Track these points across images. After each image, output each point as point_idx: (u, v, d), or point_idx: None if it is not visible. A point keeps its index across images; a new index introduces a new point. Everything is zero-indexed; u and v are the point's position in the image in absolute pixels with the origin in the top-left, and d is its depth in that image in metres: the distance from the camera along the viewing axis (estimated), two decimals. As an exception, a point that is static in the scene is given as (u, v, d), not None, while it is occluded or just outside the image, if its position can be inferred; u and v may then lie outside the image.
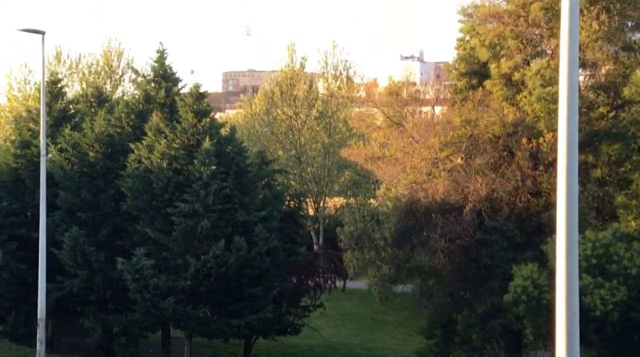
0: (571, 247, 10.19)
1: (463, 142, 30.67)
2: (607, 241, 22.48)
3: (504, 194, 29.82)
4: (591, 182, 28.00)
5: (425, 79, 65.86)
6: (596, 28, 28.58)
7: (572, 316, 9.49)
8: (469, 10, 37.42)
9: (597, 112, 28.19)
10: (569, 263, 10.13)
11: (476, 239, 29.31)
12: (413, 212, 31.55)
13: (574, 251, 10.24)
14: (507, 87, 32.64)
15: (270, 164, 39.11)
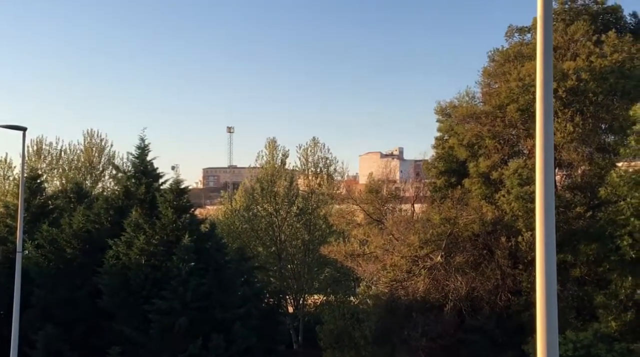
0: (552, 347, 10.10)
1: (443, 240, 30.75)
2: (588, 341, 22.31)
3: (484, 293, 29.73)
4: (570, 281, 28.02)
5: (405, 176, 66.57)
6: (571, 130, 29.23)
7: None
8: (447, 110, 38.33)
9: (575, 211, 28.48)
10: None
11: (457, 338, 28.98)
12: (393, 311, 31.26)
13: (554, 352, 10.14)
14: (485, 185, 33.06)
15: (250, 260, 38.88)
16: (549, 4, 10.73)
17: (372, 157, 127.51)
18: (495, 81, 34.71)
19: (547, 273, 10.38)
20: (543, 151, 10.85)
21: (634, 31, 32.40)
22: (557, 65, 29.19)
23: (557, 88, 28.59)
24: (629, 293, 25.02)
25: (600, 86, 29.19)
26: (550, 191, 11.08)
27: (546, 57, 11.25)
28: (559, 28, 31.28)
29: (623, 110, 28.33)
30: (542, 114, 10.80)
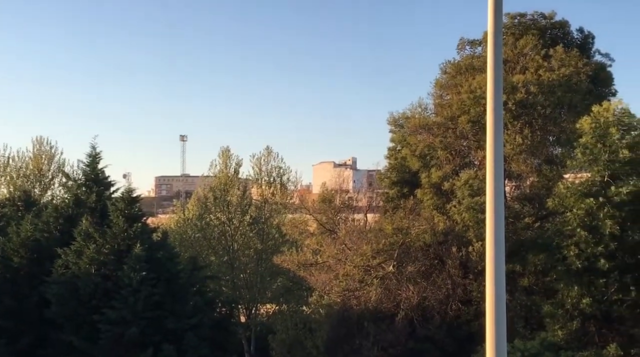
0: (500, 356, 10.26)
1: (395, 249, 31.01)
2: (535, 350, 22.67)
3: (435, 302, 30.04)
4: (519, 291, 28.47)
5: (358, 186, 66.82)
6: (520, 141, 29.80)
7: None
8: (399, 121, 38.74)
9: (523, 222, 29.01)
10: (498, 373, 10.16)
11: (408, 347, 29.19)
12: (345, 320, 31.37)
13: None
14: (437, 196, 33.47)
15: (203, 269, 38.59)
16: (499, 18, 10.94)
17: (325, 166, 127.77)
18: (447, 93, 35.22)
19: (496, 283, 10.55)
20: (493, 162, 11.04)
21: (581, 46, 33.23)
22: (507, 78, 29.75)
23: (507, 100, 29.13)
24: (574, 302, 25.47)
25: (548, 99, 29.86)
26: (500, 202, 11.28)
27: (496, 70, 11.48)
28: (509, 42, 31.91)
29: (570, 123, 28.99)
30: (492, 126, 11.00)
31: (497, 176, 11.41)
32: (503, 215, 11.39)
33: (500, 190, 11.35)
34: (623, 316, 25.79)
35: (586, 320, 26.13)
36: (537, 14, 34.03)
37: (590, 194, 25.51)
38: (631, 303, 25.87)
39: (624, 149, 24.98)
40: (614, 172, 25.63)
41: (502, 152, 11.44)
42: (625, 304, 25.95)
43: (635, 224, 25.37)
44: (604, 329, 26.35)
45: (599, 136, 25.62)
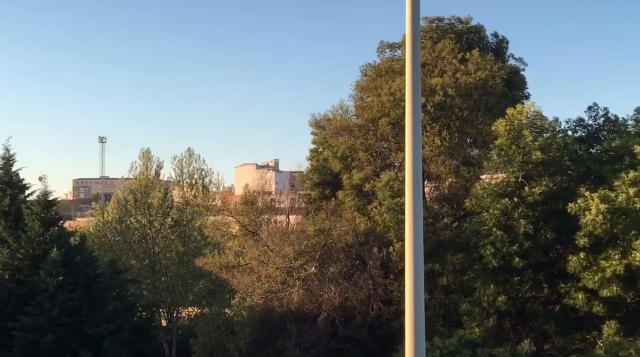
0: (419, 354, 10.47)
1: (317, 251, 31.15)
2: (453, 347, 23.15)
3: (356, 303, 30.33)
4: (438, 290, 29.03)
5: (281, 188, 66.86)
6: (438, 143, 30.41)
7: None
8: (321, 123, 38.96)
9: (442, 222, 29.57)
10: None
11: (330, 348, 29.38)
12: (268, 322, 31.35)
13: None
14: (358, 197, 33.81)
15: (122, 273, 37.93)
16: (416, 22, 11.17)
17: (248, 168, 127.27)
18: (367, 95, 35.59)
19: (415, 282, 10.75)
20: (412, 164, 11.25)
21: (495, 50, 34.12)
22: (426, 81, 30.32)
23: (426, 103, 29.69)
24: (491, 300, 26.17)
25: (465, 102, 30.55)
26: (418, 203, 11.51)
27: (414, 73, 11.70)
28: (427, 45, 32.51)
29: (486, 125, 29.76)
30: (410, 128, 11.21)
31: (416, 178, 11.64)
32: (422, 216, 11.62)
33: (418, 191, 11.59)
34: (536, 313, 26.66)
35: (502, 317, 26.91)
36: (454, 19, 34.79)
37: (506, 194, 26.27)
38: (544, 300, 26.79)
39: (537, 151, 25.80)
40: (527, 173, 26.45)
41: (421, 154, 11.68)
42: (538, 301, 26.84)
43: (548, 224, 26.25)
44: (518, 325, 27.19)
45: (514, 138, 26.41)
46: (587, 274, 24.21)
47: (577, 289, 24.93)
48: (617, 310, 25.29)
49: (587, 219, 23.78)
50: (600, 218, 23.51)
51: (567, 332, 25.92)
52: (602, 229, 23.81)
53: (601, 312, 24.63)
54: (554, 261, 27.52)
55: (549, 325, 26.04)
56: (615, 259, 23.62)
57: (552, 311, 26.69)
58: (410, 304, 10.79)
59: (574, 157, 27.01)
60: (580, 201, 24.24)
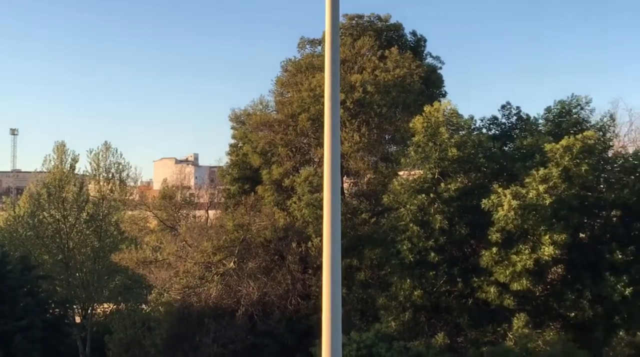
0: (335, 349, 10.60)
1: (236, 246, 31.04)
2: (370, 341, 23.47)
3: (275, 298, 30.37)
4: (356, 284, 29.32)
5: (200, 183, 66.26)
6: (357, 139, 30.71)
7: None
8: (241, 118, 38.82)
9: (360, 218, 29.87)
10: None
11: (248, 343, 29.34)
12: (185, 318, 31.06)
13: (337, 353, 10.65)
14: (278, 192, 33.82)
15: (34, 269, 36.91)
16: (336, 18, 11.27)
17: (166, 163, 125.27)
18: (288, 91, 35.65)
19: (332, 277, 10.87)
20: (331, 160, 11.36)
21: (414, 48, 34.70)
22: (346, 78, 30.56)
23: (345, 99, 29.94)
24: (407, 295, 26.62)
25: (384, 99, 30.95)
26: (336, 198, 11.63)
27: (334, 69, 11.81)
28: (347, 42, 32.78)
29: (404, 122, 30.22)
30: (329, 124, 11.32)
31: (335, 173, 11.76)
32: (339, 211, 11.76)
33: (337, 187, 11.71)
34: (450, 306, 27.29)
35: (417, 311, 27.43)
36: (374, 16, 35.21)
37: (422, 190, 26.76)
38: (458, 294, 27.43)
39: (453, 148, 26.36)
40: (443, 170, 27.01)
41: (339, 150, 11.80)
42: (452, 295, 27.48)
43: (462, 219, 26.87)
44: (433, 319, 27.76)
45: (430, 135, 26.90)
46: (499, 269, 24.91)
47: (489, 283, 25.61)
48: (526, 303, 26.15)
49: (500, 215, 24.47)
50: (512, 214, 24.21)
51: (479, 325, 26.62)
52: (514, 225, 24.53)
53: (512, 305, 25.40)
54: (468, 256, 28.20)
55: (462, 318, 26.69)
56: (525, 253, 24.38)
57: (466, 304, 27.35)
58: (327, 299, 10.90)
59: (488, 154, 27.71)
60: (494, 197, 24.91)
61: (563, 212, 24.85)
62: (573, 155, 24.81)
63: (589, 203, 26.53)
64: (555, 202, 24.35)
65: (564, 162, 24.79)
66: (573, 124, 27.96)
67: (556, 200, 24.40)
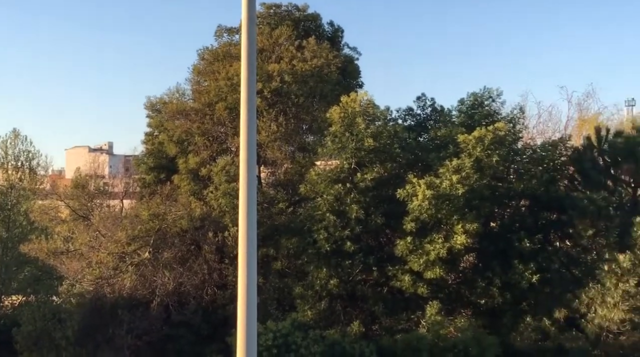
0: (250, 338, 10.61)
1: (151, 236, 30.59)
2: (286, 330, 23.55)
3: (191, 288, 30.10)
4: (273, 274, 29.37)
5: (115, 172, 64.99)
6: (275, 129, 30.71)
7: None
8: (157, 106, 38.22)
9: (277, 207, 29.92)
10: (249, 355, 10.52)
11: (164, 334, 29.01)
12: (98, 309, 30.43)
13: (252, 342, 10.66)
14: (194, 182, 33.52)
15: None
16: (252, 7, 11.21)
17: (79, 151, 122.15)
18: (205, 79, 35.30)
19: (248, 267, 10.86)
20: (246, 149, 11.33)
21: (331, 39, 34.86)
22: (263, 67, 30.48)
23: (263, 89, 29.87)
24: (323, 284, 26.83)
25: (302, 89, 31.02)
26: (253, 188, 11.61)
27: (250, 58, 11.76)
28: (265, 31, 32.67)
29: (321, 112, 30.38)
30: (246, 113, 11.28)
31: (251, 163, 11.72)
32: (255, 201, 11.74)
33: (253, 176, 11.68)
34: (366, 295, 27.67)
35: (333, 300, 27.70)
36: (292, 6, 35.18)
37: (339, 180, 26.98)
38: (373, 283, 27.83)
39: (369, 138, 26.65)
40: (360, 160, 27.28)
41: (255, 139, 11.78)
42: (368, 284, 27.86)
43: (378, 209, 27.24)
44: (349, 307, 28.10)
45: (347, 125, 27.12)
46: (413, 257, 25.38)
47: (404, 272, 26.07)
48: (439, 291, 26.75)
49: (414, 205, 24.91)
50: (426, 204, 24.69)
51: (394, 312, 27.09)
52: (428, 214, 25.03)
53: (425, 293, 25.94)
54: (383, 245, 28.63)
55: (377, 306, 27.10)
56: (438, 242, 24.91)
57: (381, 293, 27.78)
58: (243, 289, 10.89)
59: (403, 145, 28.13)
60: (408, 187, 25.33)
61: (475, 202, 25.48)
62: (485, 146, 25.44)
63: (499, 193, 27.29)
64: (467, 192, 24.95)
65: (476, 153, 25.40)
66: (485, 116, 28.65)
67: (468, 190, 24.99)
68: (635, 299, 23.03)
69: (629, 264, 22.74)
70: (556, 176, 27.68)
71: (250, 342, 10.72)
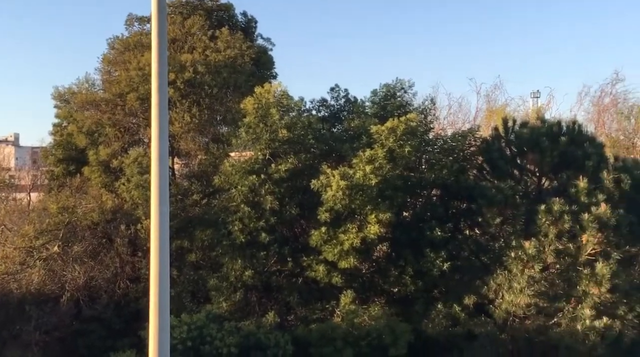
0: (163, 331, 10.50)
1: (60, 229, 29.82)
2: (201, 322, 23.37)
3: (102, 282, 29.55)
4: (187, 266, 29.13)
5: (21, 164, 63.00)
6: (188, 120, 30.40)
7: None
8: (65, 96, 37.24)
9: (191, 199, 29.65)
10: (161, 348, 10.42)
11: (74, 329, 28.34)
12: (4, 305, 29.46)
13: (165, 336, 10.56)
14: (105, 174, 32.88)
15: None
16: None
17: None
18: (115, 69, 34.61)
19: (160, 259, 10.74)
20: (158, 141, 11.19)
21: (245, 29, 34.70)
22: (176, 57, 30.10)
23: (176, 79, 29.49)
24: (238, 275, 26.75)
25: (215, 79, 30.77)
26: (164, 179, 11.48)
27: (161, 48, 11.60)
28: (177, 21, 32.24)
29: (235, 103, 30.22)
30: (157, 104, 11.14)
31: (162, 154, 11.59)
32: (167, 193, 11.61)
33: (165, 168, 11.55)
34: (281, 286, 27.75)
35: (249, 291, 27.67)
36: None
37: (254, 171, 26.89)
38: (288, 273, 27.93)
39: (283, 129, 26.66)
40: (274, 151, 27.26)
41: (167, 131, 11.64)
42: (283, 275, 27.95)
43: (293, 200, 27.32)
44: (264, 298, 28.12)
45: (261, 116, 27.05)
46: (328, 247, 25.57)
47: (318, 262, 26.25)
48: (353, 280, 27.05)
49: (328, 195, 25.08)
50: (340, 194, 24.88)
51: (309, 302, 27.25)
52: (342, 205, 25.23)
53: (339, 282, 26.19)
54: (298, 236, 28.74)
55: (292, 297, 27.20)
56: (352, 232, 25.16)
57: (296, 283, 27.91)
58: (155, 281, 10.77)
59: (317, 135, 28.24)
60: (323, 177, 25.48)
61: (388, 192, 25.83)
62: (397, 137, 25.80)
63: (411, 183, 27.74)
64: (380, 182, 25.26)
65: (388, 144, 25.74)
66: (397, 107, 29.05)
67: (381, 180, 25.31)
68: (540, 284, 23.84)
69: (534, 250, 23.48)
70: (466, 166, 28.32)
71: (163, 336, 10.62)
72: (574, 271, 24.07)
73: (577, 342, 23.63)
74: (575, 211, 23.51)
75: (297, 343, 24.71)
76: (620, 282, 23.73)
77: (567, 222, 23.41)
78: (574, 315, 23.71)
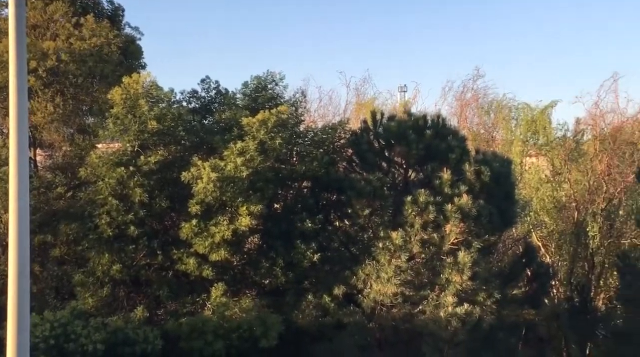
0: (22, 329, 10.11)
1: None
2: (65, 319, 22.63)
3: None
4: (50, 262, 28.10)
5: None
6: (51, 110, 29.22)
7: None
8: None
9: (55, 192, 28.59)
10: (20, 347, 10.03)
11: None
12: None
13: (25, 335, 10.16)
14: (-41, 166, 31.04)
15: None
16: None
17: None
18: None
19: (19, 255, 10.34)
20: (17, 131, 10.74)
21: (111, 17, 33.61)
22: (38, 44, 28.84)
23: (37, 67, 28.26)
24: (105, 270, 26.06)
25: (80, 68, 29.70)
26: (24, 172, 11.03)
27: (19, 34, 11.12)
28: (38, 6, 30.84)
29: (102, 93, 29.31)
30: (16, 93, 10.67)
31: (22, 145, 11.13)
32: (28, 185, 11.19)
33: (24, 160, 11.09)
34: (150, 280, 27.25)
35: (116, 286, 27.00)
36: (69, -20, 33.43)
37: (122, 163, 26.23)
38: (158, 267, 27.46)
39: (152, 120, 26.14)
40: (143, 143, 26.69)
41: (27, 121, 11.16)
42: (152, 268, 27.44)
43: (163, 192, 26.86)
44: (132, 293, 27.55)
45: (130, 107, 26.41)
46: (199, 240, 25.35)
47: (189, 255, 25.96)
48: (224, 273, 26.96)
49: (199, 187, 24.85)
50: (211, 186, 24.71)
51: (179, 296, 26.92)
52: (213, 197, 25.07)
53: (210, 275, 26.02)
54: (168, 229, 28.30)
55: (162, 291, 26.78)
56: (224, 225, 25.05)
57: (166, 277, 27.48)
58: (14, 278, 10.34)
59: (188, 127, 27.90)
60: (193, 170, 25.21)
61: (259, 184, 25.88)
62: (268, 129, 25.89)
63: (282, 175, 27.93)
64: (252, 174, 25.27)
65: (260, 136, 25.77)
66: (268, 99, 29.11)
67: (253, 172, 25.33)
68: (406, 274, 24.64)
69: (401, 240, 24.23)
70: (336, 158, 28.79)
71: (22, 335, 10.23)
72: (438, 260, 25.04)
73: (440, 328, 24.61)
74: (440, 202, 24.43)
75: (167, 338, 24.41)
76: (480, 270, 24.93)
77: (431, 213, 24.29)
78: (438, 302, 24.67)
